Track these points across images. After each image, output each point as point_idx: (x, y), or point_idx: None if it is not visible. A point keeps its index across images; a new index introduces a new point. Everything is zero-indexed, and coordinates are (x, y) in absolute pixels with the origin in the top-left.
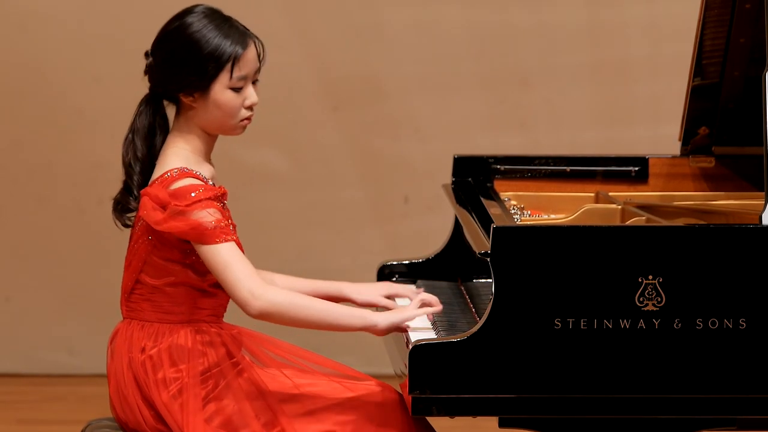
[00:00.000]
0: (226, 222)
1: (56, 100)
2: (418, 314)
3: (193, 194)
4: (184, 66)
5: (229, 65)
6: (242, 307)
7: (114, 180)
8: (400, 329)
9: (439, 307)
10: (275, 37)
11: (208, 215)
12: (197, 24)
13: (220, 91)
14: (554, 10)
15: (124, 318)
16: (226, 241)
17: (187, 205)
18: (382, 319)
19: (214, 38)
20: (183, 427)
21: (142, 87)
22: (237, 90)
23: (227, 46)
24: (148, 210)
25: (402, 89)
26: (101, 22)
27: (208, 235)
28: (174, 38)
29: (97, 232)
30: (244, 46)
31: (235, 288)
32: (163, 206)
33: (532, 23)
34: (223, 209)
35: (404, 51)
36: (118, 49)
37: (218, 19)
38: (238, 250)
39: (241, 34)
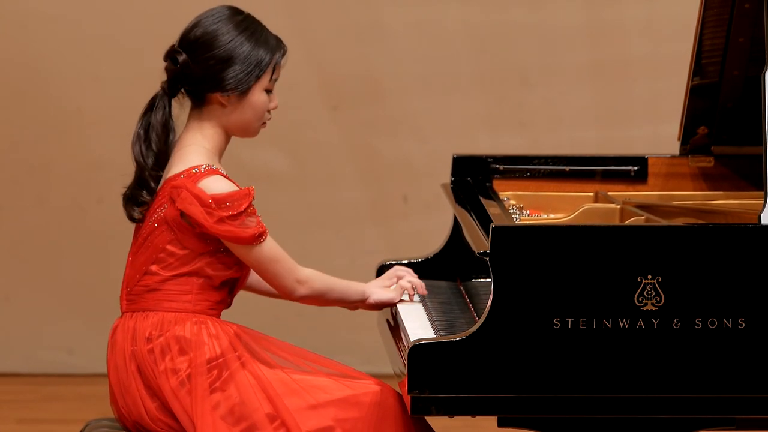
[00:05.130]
0: (258, 220)
1: (55, 100)
2: (398, 295)
3: (237, 200)
4: (229, 67)
5: (270, 68)
6: (287, 295)
7: (114, 179)
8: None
9: (419, 287)
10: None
11: (250, 223)
12: (240, 26)
13: (258, 92)
14: (554, 10)
15: (123, 312)
16: (266, 238)
17: (230, 216)
18: (373, 295)
19: (260, 41)
20: (191, 413)
21: (141, 86)
22: (269, 92)
23: (272, 51)
24: (186, 204)
25: (402, 89)
26: (100, 22)
27: (253, 239)
28: (218, 39)
29: (97, 231)
30: (283, 52)
31: (284, 279)
32: (203, 206)
33: (532, 23)
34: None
35: (404, 51)
36: (117, 49)
37: (255, 22)
38: (276, 244)
39: (277, 39)
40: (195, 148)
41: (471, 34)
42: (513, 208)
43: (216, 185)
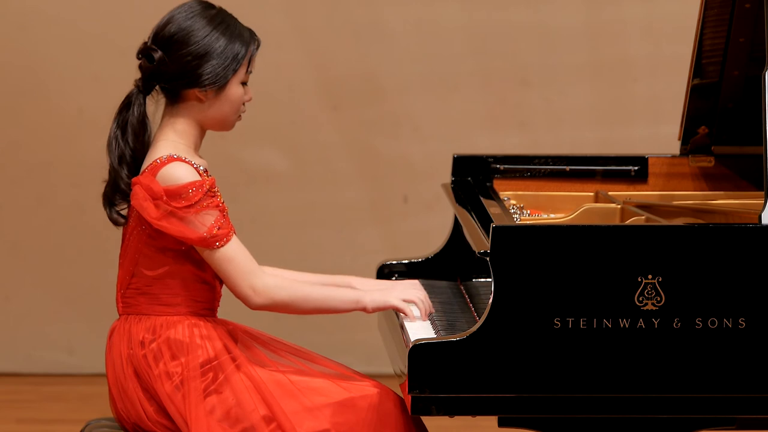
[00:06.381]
0: (223, 219)
1: (56, 100)
2: (404, 308)
3: (189, 192)
4: (207, 62)
5: (246, 61)
6: (243, 301)
7: None
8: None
9: (425, 307)
10: (275, 36)
11: (203, 222)
12: (214, 20)
13: (235, 86)
14: (554, 10)
15: (120, 315)
16: (226, 243)
17: (180, 208)
18: (370, 302)
19: (235, 35)
20: (186, 418)
21: None
22: (244, 84)
23: (246, 43)
24: (139, 200)
25: (401, 88)
26: (100, 22)
27: (207, 242)
28: (193, 34)
29: (97, 232)
30: (257, 44)
31: (236, 284)
32: (155, 199)
33: (532, 23)
34: (216, 198)
35: (404, 50)
36: (117, 49)
37: (227, 15)
38: (238, 244)
39: (250, 31)
40: (165, 143)
41: (471, 34)
42: (513, 208)
43: (174, 172)
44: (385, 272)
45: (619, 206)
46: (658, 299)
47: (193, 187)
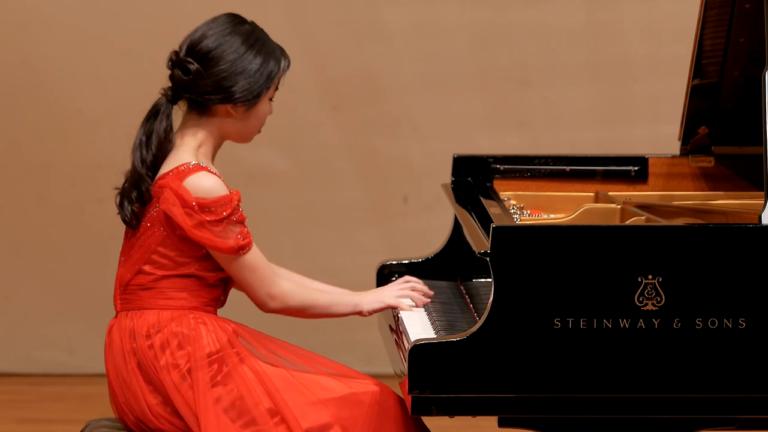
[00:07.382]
0: (245, 229)
1: (56, 100)
2: (400, 303)
3: (220, 207)
4: (242, 80)
5: (278, 79)
6: (259, 306)
7: (114, 180)
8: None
9: (420, 297)
10: (275, 36)
11: (232, 233)
12: (250, 38)
13: (264, 103)
14: (554, 10)
15: (118, 312)
16: (249, 251)
17: (210, 221)
18: (367, 304)
19: (269, 53)
20: (194, 407)
21: (141, 87)
22: (270, 100)
23: (278, 61)
24: (169, 204)
25: (401, 88)
26: (100, 23)
27: (234, 251)
28: (230, 52)
29: (97, 231)
30: (288, 61)
31: (255, 290)
32: (185, 206)
33: (532, 23)
34: (240, 211)
35: (404, 50)
36: (118, 49)
37: (260, 31)
38: (258, 252)
39: (280, 48)
40: (186, 149)
41: (471, 34)
42: (513, 208)
43: (203, 182)
44: (385, 272)
45: (619, 206)
46: (658, 299)
47: (224, 202)
